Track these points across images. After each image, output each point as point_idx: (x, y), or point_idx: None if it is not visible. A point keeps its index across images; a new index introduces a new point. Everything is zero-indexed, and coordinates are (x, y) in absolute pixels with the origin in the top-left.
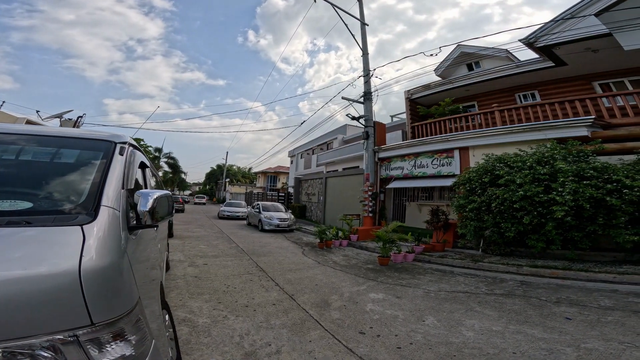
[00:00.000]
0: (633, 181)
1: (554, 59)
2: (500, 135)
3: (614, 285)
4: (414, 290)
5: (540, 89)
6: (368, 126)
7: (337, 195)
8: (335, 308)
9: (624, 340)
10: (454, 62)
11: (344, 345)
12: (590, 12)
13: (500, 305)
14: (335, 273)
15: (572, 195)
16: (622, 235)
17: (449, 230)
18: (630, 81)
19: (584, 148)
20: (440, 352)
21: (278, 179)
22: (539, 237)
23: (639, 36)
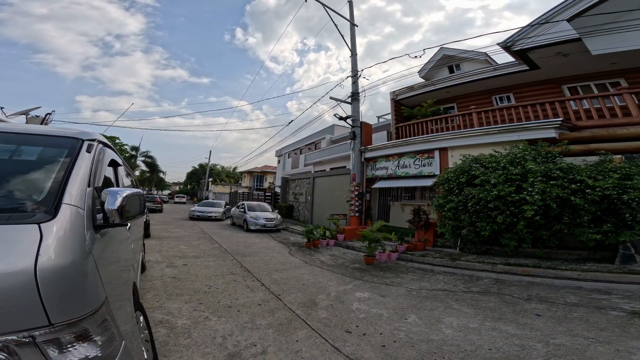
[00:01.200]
0: (595, 181)
1: (528, 62)
2: (477, 137)
3: (578, 282)
4: (397, 289)
5: (515, 92)
6: (355, 126)
7: (325, 195)
8: (323, 307)
9: (588, 336)
10: (437, 64)
11: (330, 345)
12: (563, 18)
13: (477, 303)
14: (322, 272)
15: (541, 195)
16: (586, 233)
17: (430, 229)
18: (595, 85)
19: (552, 149)
20: (421, 349)
21: (264, 179)
22: (511, 235)
23: (605, 42)
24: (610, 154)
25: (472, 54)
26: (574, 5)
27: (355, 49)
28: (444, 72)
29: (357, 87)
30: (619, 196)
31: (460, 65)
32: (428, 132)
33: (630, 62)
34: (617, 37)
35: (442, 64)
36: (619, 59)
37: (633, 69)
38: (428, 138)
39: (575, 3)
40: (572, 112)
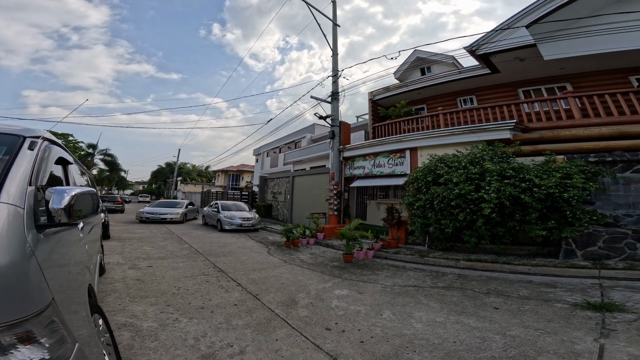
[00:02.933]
0: (541, 180)
1: (490, 66)
2: (443, 137)
3: (529, 276)
4: (373, 286)
5: (477, 94)
6: (334, 126)
7: (304, 194)
8: (303, 306)
9: (538, 327)
10: (410, 66)
11: (311, 342)
12: (522, 24)
13: (442, 298)
14: (302, 271)
15: (496, 193)
16: (534, 230)
17: (402, 227)
18: (546, 89)
19: (506, 150)
20: (396, 344)
21: (241, 178)
22: (472, 232)
23: (557, 47)
24: (554, 155)
25: (441, 57)
26: (533, 13)
27: (336, 48)
28: (417, 74)
29: (337, 86)
30: (561, 194)
31: (431, 67)
32: (401, 132)
33: (576, 68)
34: (566, 44)
35: (415, 66)
36: (567, 64)
37: (578, 74)
38: (400, 138)
39: (533, 10)
40: (525, 115)
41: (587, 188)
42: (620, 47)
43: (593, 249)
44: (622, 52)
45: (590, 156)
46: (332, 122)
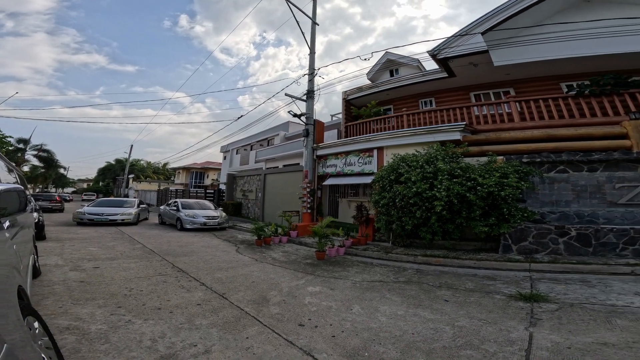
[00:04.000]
0: (483, 179)
1: (448, 70)
2: (405, 137)
3: (474, 270)
4: (344, 282)
5: (436, 96)
6: (309, 124)
7: (277, 192)
8: (275, 303)
9: (481, 318)
10: (381, 67)
11: (284, 339)
12: (478, 31)
13: (403, 292)
14: (274, 269)
15: (446, 191)
16: (478, 226)
17: (370, 224)
18: (493, 93)
19: (456, 150)
20: (364, 337)
21: (206, 175)
22: (427, 229)
23: (506, 54)
24: (495, 155)
25: (408, 60)
26: (488, 21)
27: (314, 47)
28: (387, 75)
29: (313, 85)
30: (499, 193)
31: (399, 69)
32: (370, 132)
33: (519, 74)
34: (513, 51)
35: (386, 68)
36: (512, 70)
37: (520, 79)
38: (369, 137)
39: (489, 18)
40: (474, 117)
41: (519, 187)
42: (555, 55)
43: (525, 244)
44: (557, 59)
45: (523, 157)
46: (307, 120)
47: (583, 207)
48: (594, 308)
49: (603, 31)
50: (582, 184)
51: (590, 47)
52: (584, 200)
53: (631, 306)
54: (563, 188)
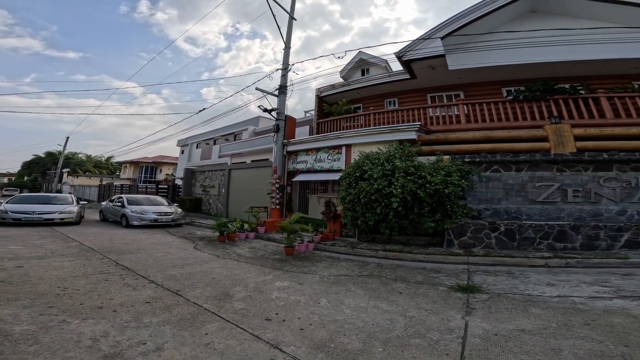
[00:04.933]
0: (432, 177)
1: (410, 72)
2: (370, 135)
3: (424, 263)
4: (312, 277)
5: (399, 97)
6: (279, 119)
7: (244, 188)
8: (239, 299)
9: (428, 308)
10: (354, 66)
11: (249, 333)
12: (439, 36)
13: (365, 285)
14: (239, 265)
15: (402, 188)
16: (426, 222)
17: (337, 220)
18: (446, 95)
19: (411, 149)
20: (330, 329)
21: (159, 170)
22: (386, 224)
23: (459, 59)
24: (442, 155)
25: (377, 60)
26: (448, 26)
27: (290, 42)
28: (359, 74)
29: (286, 80)
30: (443, 190)
31: (369, 69)
32: (341, 129)
33: (469, 78)
34: (466, 56)
35: (358, 67)
36: (463, 74)
37: (470, 83)
38: (338, 135)
39: (449, 24)
40: (429, 118)
41: (461, 185)
42: (499, 62)
43: (464, 239)
44: (500, 66)
45: (466, 157)
46: (278, 115)
47: (511, 205)
48: (515, 298)
49: (540, 41)
50: (511, 183)
51: (529, 56)
52: (511, 198)
53: (543, 295)
54: (496, 186)
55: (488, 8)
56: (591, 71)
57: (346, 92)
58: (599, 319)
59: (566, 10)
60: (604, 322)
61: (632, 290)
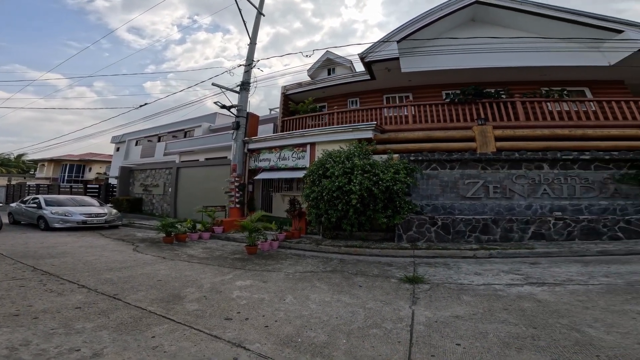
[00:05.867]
0: (384, 174)
1: (371, 73)
2: (333, 134)
3: (379, 258)
4: (277, 274)
5: (360, 97)
6: (240, 116)
7: (196, 187)
8: (192, 300)
9: (382, 299)
10: (321, 65)
11: (207, 334)
12: (395, 39)
13: (329, 280)
14: (191, 266)
15: (359, 186)
16: (380, 218)
17: (302, 218)
18: (399, 97)
19: (368, 147)
20: (297, 324)
21: (88, 169)
22: (347, 221)
23: (411, 62)
24: (392, 153)
25: (343, 60)
26: (403, 31)
27: (255, 38)
28: (325, 73)
29: (249, 76)
30: (393, 187)
31: (335, 69)
32: (306, 127)
33: (417, 81)
34: (417, 59)
35: (325, 66)
36: (412, 77)
37: (418, 86)
38: (303, 133)
39: (404, 29)
40: (384, 118)
41: (407, 182)
42: (441, 66)
43: (411, 233)
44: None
45: (411, 155)
46: (238, 112)
47: (446, 200)
48: (450, 287)
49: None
50: (446, 180)
51: (465, 61)
52: (447, 194)
53: (472, 284)
54: (434, 183)
55: (436, 15)
56: (511, 77)
57: (312, 90)
58: (513, 304)
59: (499, 20)
60: (517, 306)
61: (537, 277)
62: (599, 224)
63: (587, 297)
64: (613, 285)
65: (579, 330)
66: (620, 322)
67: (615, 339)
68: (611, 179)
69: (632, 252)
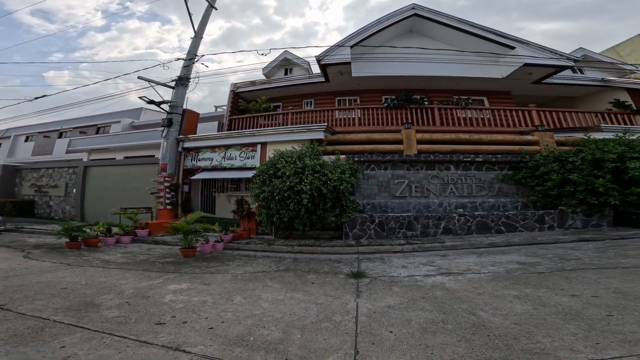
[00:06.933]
0: (332, 175)
1: (326, 75)
2: (287, 134)
3: (330, 255)
4: (223, 276)
5: (315, 98)
6: (174, 113)
7: (112, 188)
8: (111, 307)
9: (332, 294)
10: (278, 64)
11: (133, 340)
12: (349, 44)
13: (282, 279)
14: (106, 272)
15: (310, 185)
16: (329, 216)
17: (252, 218)
18: (349, 100)
19: (319, 148)
20: (248, 323)
21: None
22: (300, 220)
23: (360, 67)
24: (339, 154)
25: (301, 61)
26: (356, 37)
27: (202, 31)
28: (281, 73)
29: (189, 71)
30: (339, 186)
31: (293, 69)
32: (258, 127)
33: (364, 85)
34: (365, 65)
35: (282, 66)
36: (360, 81)
37: (364, 90)
38: (254, 132)
39: (356, 35)
40: (335, 120)
41: (351, 182)
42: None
43: (355, 231)
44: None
45: (355, 156)
46: (171, 108)
47: (382, 199)
48: (384, 280)
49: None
50: (381, 180)
51: (399, 69)
52: (382, 193)
53: (400, 276)
54: (373, 183)
55: (383, 25)
56: (433, 86)
57: (267, 89)
58: (429, 293)
59: (430, 33)
60: (432, 295)
61: (446, 268)
62: (488, 219)
63: (480, 285)
64: (497, 273)
65: (475, 314)
66: (502, 305)
67: (499, 320)
68: (496, 179)
69: (510, 244)
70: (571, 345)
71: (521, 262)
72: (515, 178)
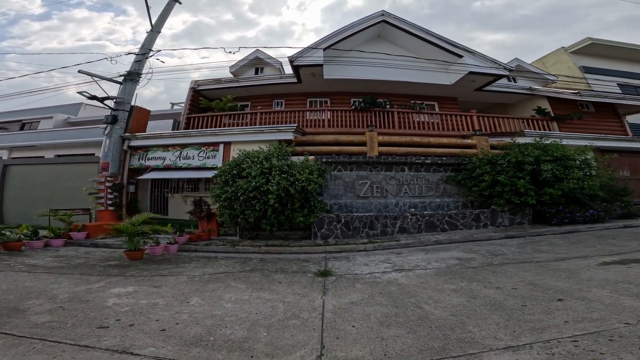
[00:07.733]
0: (300, 175)
1: (298, 77)
2: (255, 134)
3: (298, 255)
4: (176, 278)
5: (286, 99)
6: (120, 109)
7: (40, 188)
8: (41, 312)
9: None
10: (248, 63)
11: (71, 345)
12: (322, 47)
13: (248, 279)
14: (33, 277)
15: (277, 186)
16: (298, 217)
17: (212, 219)
18: (320, 101)
19: (287, 149)
20: (207, 324)
21: None
22: (267, 221)
23: (332, 70)
24: (307, 155)
25: (273, 61)
26: (328, 40)
27: (161, 25)
28: (251, 72)
29: (141, 66)
30: (307, 187)
31: (264, 68)
32: (221, 126)
33: (334, 88)
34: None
35: (252, 65)
36: (331, 84)
37: (334, 92)
38: (216, 131)
39: (329, 39)
40: (306, 121)
41: (319, 182)
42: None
43: (323, 231)
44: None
45: (323, 157)
46: (117, 105)
47: (347, 199)
48: (349, 277)
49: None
50: (347, 181)
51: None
52: (348, 194)
53: (362, 274)
54: (339, 184)
55: (354, 29)
56: (395, 90)
57: (234, 88)
58: (385, 288)
59: (394, 39)
60: (387, 290)
61: (399, 265)
62: (434, 218)
63: (425, 280)
64: (439, 269)
65: (420, 307)
66: (442, 298)
67: (440, 313)
68: (442, 180)
69: (452, 241)
70: (495, 334)
71: (459, 258)
72: (457, 179)
